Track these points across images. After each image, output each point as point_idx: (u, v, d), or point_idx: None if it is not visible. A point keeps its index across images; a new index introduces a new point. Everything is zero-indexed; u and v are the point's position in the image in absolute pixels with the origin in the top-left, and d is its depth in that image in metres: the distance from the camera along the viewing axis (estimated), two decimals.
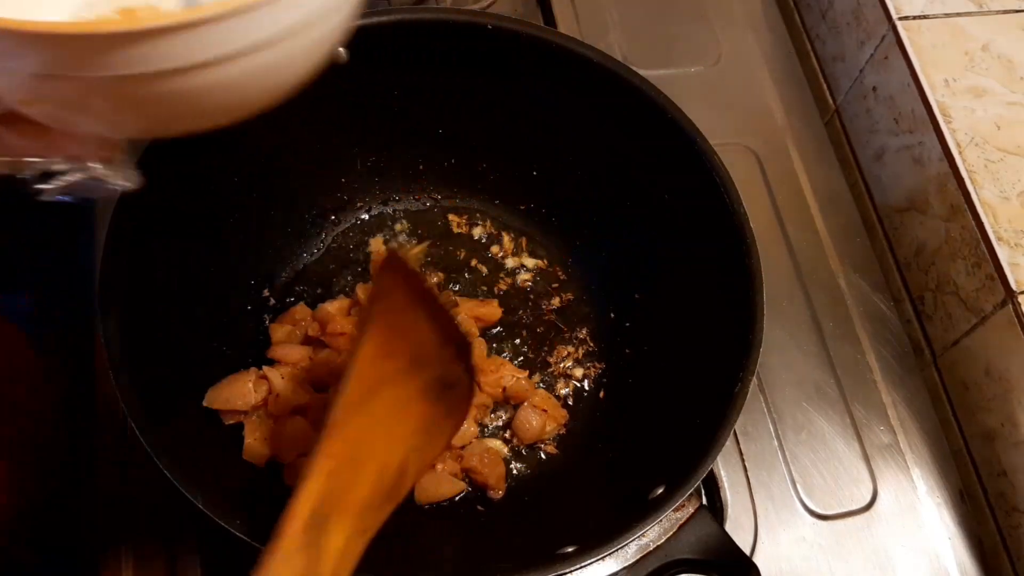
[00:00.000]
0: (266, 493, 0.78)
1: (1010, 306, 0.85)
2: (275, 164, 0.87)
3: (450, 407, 0.63)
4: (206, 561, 0.80)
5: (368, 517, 0.55)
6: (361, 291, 0.89)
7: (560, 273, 0.96)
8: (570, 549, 0.67)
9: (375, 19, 0.84)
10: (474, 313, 0.89)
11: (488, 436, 0.86)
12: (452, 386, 0.63)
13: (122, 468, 0.83)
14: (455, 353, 0.62)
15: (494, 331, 0.92)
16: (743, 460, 0.89)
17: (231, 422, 0.80)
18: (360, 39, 0.82)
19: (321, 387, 0.83)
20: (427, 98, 0.92)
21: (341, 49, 0.83)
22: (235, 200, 0.86)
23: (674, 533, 0.69)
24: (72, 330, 0.91)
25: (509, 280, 0.95)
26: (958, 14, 0.99)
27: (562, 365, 0.91)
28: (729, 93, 1.10)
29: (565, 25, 1.10)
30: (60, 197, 0.54)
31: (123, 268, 0.71)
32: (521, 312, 0.94)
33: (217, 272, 0.85)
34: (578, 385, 0.90)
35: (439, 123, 0.94)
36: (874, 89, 1.03)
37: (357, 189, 0.95)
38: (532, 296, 0.94)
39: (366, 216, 0.97)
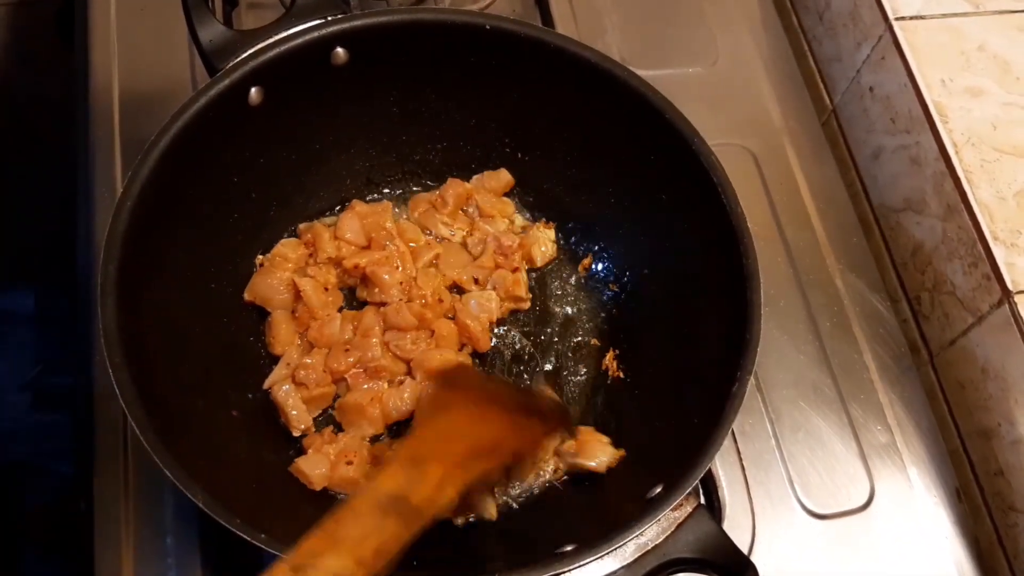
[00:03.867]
0: (267, 493, 0.78)
1: (1007, 306, 0.85)
2: (274, 163, 0.88)
3: (543, 417, 0.79)
4: (206, 559, 0.80)
5: (466, 463, 0.68)
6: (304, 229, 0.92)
7: None
8: (569, 548, 0.68)
9: (374, 19, 0.84)
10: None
11: None
12: (538, 410, 0.80)
13: (122, 467, 0.83)
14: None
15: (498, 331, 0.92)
16: (741, 459, 0.89)
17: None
18: (359, 39, 0.84)
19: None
20: (425, 98, 0.92)
21: (340, 49, 0.83)
22: (235, 199, 0.86)
23: (672, 532, 0.69)
24: (72, 329, 0.92)
25: None
26: (954, 14, 0.99)
27: (560, 365, 0.91)
28: (727, 94, 1.10)
29: (563, 26, 1.10)
30: None
31: (123, 267, 0.71)
32: None
33: (217, 270, 0.85)
34: (576, 384, 0.90)
35: (437, 124, 0.94)
36: (871, 89, 1.03)
37: (352, 188, 0.96)
38: None
39: None
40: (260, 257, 0.90)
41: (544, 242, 0.94)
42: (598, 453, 0.82)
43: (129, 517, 0.82)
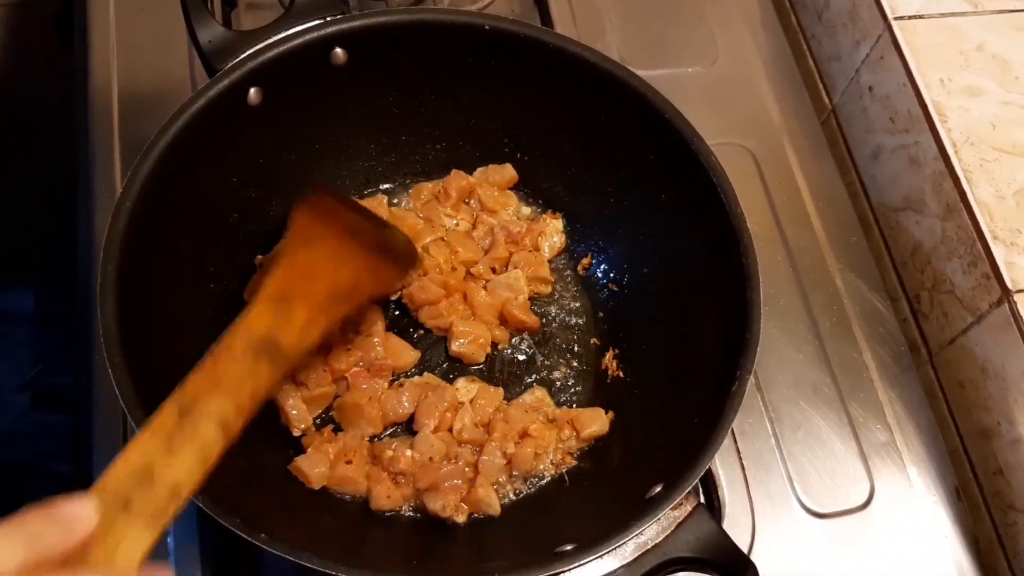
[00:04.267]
0: (267, 492, 0.78)
1: (1006, 305, 0.85)
2: (274, 164, 0.88)
3: (396, 258, 0.83)
4: (206, 559, 0.80)
5: (326, 306, 0.72)
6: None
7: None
8: (568, 547, 0.68)
9: (373, 20, 0.84)
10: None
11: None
12: (392, 249, 0.83)
13: None
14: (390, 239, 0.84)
15: None
16: (740, 459, 0.89)
17: None
18: (358, 40, 0.84)
19: None
20: (424, 99, 0.92)
21: (339, 50, 0.83)
22: (234, 199, 0.86)
23: (672, 531, 0.69)
24: (72, 329, 0.92)
25: None
26: (953, 14, 0.99)
27: (559, 365, 0.91)
28: (726, 93, 1.10)
29: (562, 26, 1.10)
30: None
31: (122, 267, 0.72)
32: None
33: (216, 270, 0.85)
34: (575, 384, 0.90)
35: (437, 124, 0.94)
36: (870, 89, 1.03)
37: (351, 188, 0.96)
38: None
39: None
40: (260, 257, 0.90)
41: (553, 232, 0.94)
42: (593, 420, 0.85)
43: None
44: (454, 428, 0.84)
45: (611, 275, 0.93)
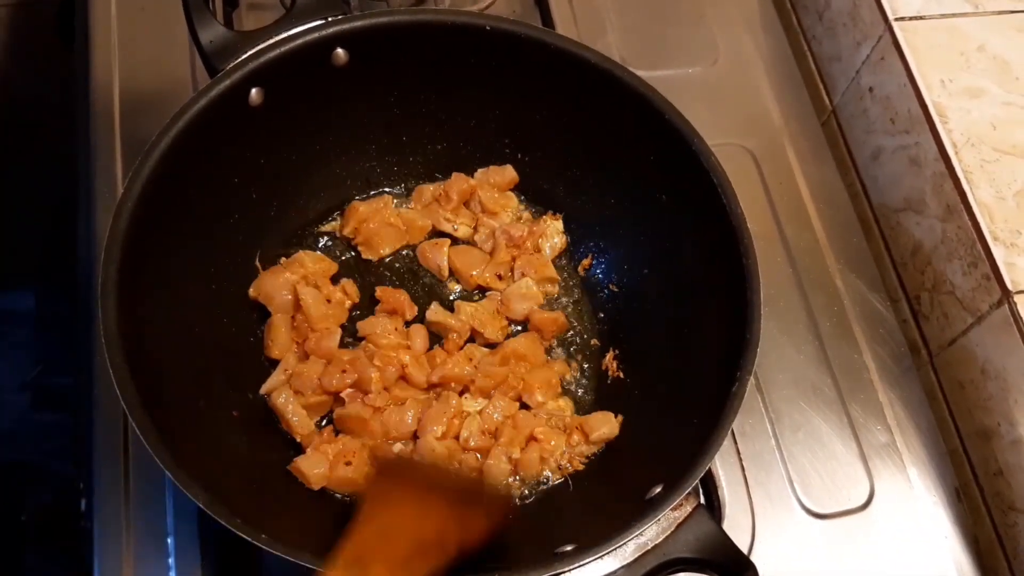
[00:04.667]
0: (267, 492, 0.78)
1: (1006, 306, 0.85)
2: (275, 164, 0.88)
3: (485, 505, 0.76)
4: (206, 560, 0.80)
5: (409, 563, 0.66)
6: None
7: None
8: (568, 548, 0.68)
9: (374, 20, 0.84)
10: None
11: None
12: (481, 496, 0.78)
13: (122, 467, 0.83)
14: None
15: None
16: (741, 459, 0.89)
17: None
18: (359, 40, 0.84)
19: None
20: (425, 99, 0.92)
21: (340, 50, 0.84)
22: (235, 200, 0.86)
23: (672, 532, 0.69)
24: (72, 329, 0.92)
25: None
26: (954, 15, 0.99)
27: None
28: (726, 94, 1.10)
29: (563, 26, 1.10)
30: None
31: (123, 268, 0.72)
32: None
33: (217, 271, 0.85)
34: (575, 386, 0.90)
35: (437, 124, 0.94)
36: (870, 89, 1.03)
37: (352, 188, 0.96)
38: None
39: None
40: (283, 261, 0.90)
41: (554, 233, 0.94)
42: (601, 424, 0.85)
43: (129, 517, 0.82)
44: (461, 436, 0.83)
45: (611, 276, 0.94)
